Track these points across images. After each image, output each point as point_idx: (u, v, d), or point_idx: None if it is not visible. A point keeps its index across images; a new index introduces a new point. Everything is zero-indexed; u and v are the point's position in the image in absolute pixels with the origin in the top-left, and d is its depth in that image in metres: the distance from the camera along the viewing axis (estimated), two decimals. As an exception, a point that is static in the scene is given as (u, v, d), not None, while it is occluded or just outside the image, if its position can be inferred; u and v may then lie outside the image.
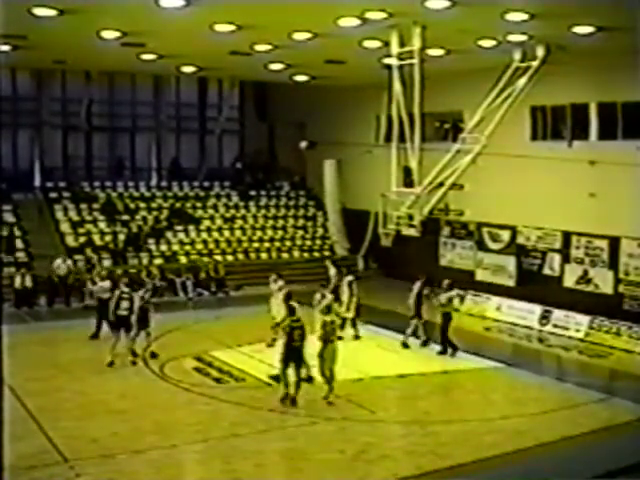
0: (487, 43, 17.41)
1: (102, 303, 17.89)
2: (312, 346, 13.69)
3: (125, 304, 15.96)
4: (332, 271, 20.61)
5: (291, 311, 13.71)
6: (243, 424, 12.65)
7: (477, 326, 21.06)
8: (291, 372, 13.40)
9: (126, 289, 16.22)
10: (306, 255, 28.29)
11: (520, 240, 22.88)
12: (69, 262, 23.55)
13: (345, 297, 18.58)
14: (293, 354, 13.26)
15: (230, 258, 27.14)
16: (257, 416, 13.06)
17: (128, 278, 17.49)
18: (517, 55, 17.75)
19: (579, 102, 20.84)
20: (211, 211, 29.40)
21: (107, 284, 18.38)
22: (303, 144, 28.28)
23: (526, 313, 21.01)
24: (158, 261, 25.94)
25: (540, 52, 17.35)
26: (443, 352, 17.32)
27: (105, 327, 17.57)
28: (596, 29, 15.54)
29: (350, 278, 18.94)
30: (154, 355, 16.40)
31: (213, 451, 11.64)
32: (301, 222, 30.30)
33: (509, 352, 18.93)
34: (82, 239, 25.89)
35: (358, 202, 27.64)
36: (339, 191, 29.60)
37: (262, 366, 16.10)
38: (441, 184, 18.02)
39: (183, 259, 26.56)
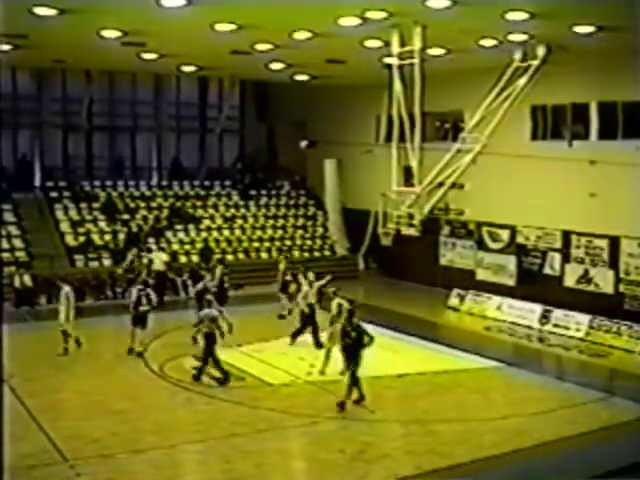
0: (488, 43, 17.39)
1: None
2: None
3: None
4: (218, 272, 20.67)
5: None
6: (243, 424, 12.66)
7: (477, 325, 21.07)
8: None
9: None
10: (306, 255, 28.28)
11: (520, 239, 22.87)
12: (164, 257, 24.19)
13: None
14: None
15: (230, 258, 27.13)
16: (257, 416, 13.08)
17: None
18: (517, 55, 17.71)
19: (579, 102, 20.83)
20: (211, 210, 29.37)
21: None
22: (303, 143, 28.28)
23: (526, 312, 20.99)
24: (158, 260, 25.88)
25: (541, 52, 17.30)
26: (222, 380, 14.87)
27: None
28: (597, 29, 15.52)
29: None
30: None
31: (213, 451, 11.66)
32: (301, 221, 30.27)
33: (509, 351, 18.93)
34: (82, 238, 25.90)
35: (358, 201, 27.61)
36: (339, 190, 29.55)
37: (262, 366, 16.12)
38: (441, 184, 17.98)
39: (183, 258, 26.56)
